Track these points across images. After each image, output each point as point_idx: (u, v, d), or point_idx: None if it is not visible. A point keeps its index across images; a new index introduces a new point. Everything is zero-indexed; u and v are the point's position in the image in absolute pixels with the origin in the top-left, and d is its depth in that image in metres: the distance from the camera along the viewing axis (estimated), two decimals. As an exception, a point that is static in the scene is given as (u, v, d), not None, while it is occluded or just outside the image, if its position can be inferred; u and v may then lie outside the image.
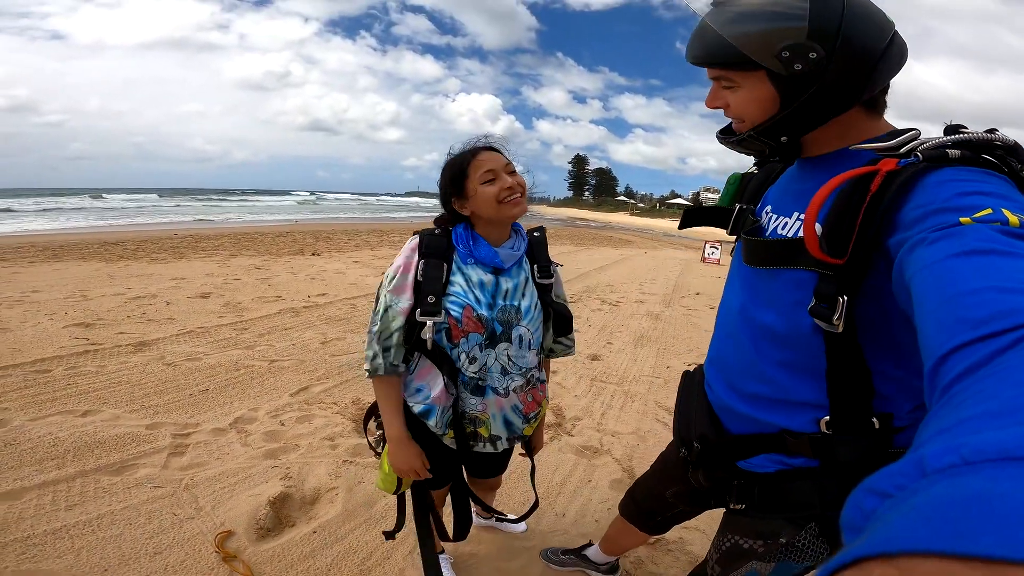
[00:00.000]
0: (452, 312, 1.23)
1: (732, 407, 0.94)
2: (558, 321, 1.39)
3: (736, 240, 1.03)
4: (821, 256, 0.68)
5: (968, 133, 0.65)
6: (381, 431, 1.40)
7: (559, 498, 2.34)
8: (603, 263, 11.41)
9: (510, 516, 1.73)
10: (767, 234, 0.90)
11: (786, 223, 0.87)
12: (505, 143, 1.31)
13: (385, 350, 1.25)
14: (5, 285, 5.81)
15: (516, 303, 1.28)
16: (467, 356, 1.26)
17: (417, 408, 1.30)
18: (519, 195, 1.24)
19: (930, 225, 0.56)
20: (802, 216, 0.83)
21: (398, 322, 1.23)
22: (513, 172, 1.26)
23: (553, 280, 1.39)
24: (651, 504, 1.33)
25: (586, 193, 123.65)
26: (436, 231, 1.28)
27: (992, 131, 0.65)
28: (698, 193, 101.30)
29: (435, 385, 1.27)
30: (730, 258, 1.06)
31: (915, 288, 0.51)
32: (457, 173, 1.25)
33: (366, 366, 1.27)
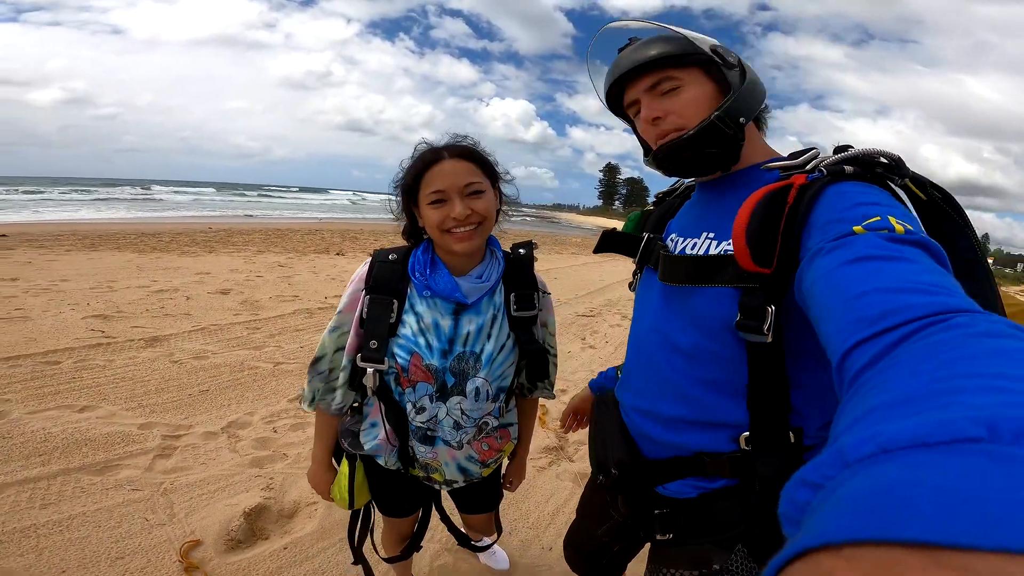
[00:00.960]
0: (399, 359, 1.08)
1: (649, 433, 0.93)
2: (532, 366, 1.19)
3: (641, 268, 1.06)
4: (752, 266, 0.71)
5: (854, 151, 0.73)
6: (347, 442, 1.25)
7: (548, 530, 2.23)
8: (626, 276, 11.18)
9: (475, 543, 1.62)
10: (678, 254, 0.93)
11: (695, 243, 0.90)
12: (482, 148, 1.10)
13: (328, 390, 1.16)
14: (38, 272, 6.00)
15: (477, 349, 1.10)
16: (414, 406, 1.11)
17: (368, 446, 1.19)
18: (471, 228, 1.03)
19: (829, 235, 0.61)
20: (710, 235, 0.87)
21: (343, 361, 1.12)
22: (476, 193, 1.03)
23: (537, 311, 1.17)
24: (590, 547, 1.26)
25: (616, 202, 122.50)
26: (391, 256, 1.12)
27: (874, 149, 0.72)
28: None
29: (379, 430, 1.17)
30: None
31: (815, 295, 0.56)
32: (409, 182, 1.06)
33: (304, 405, 1.19)
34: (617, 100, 0.95)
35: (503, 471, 1.47)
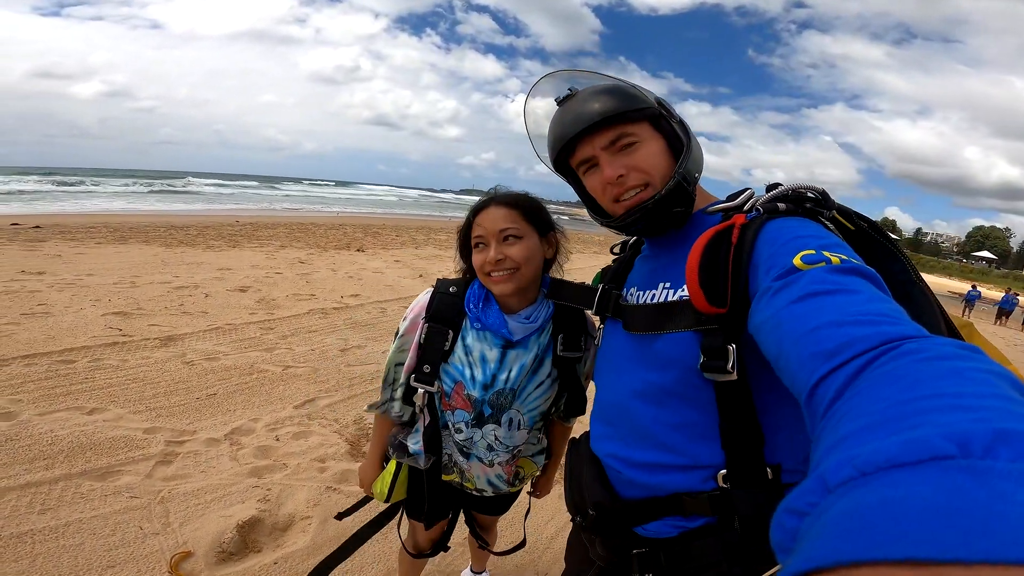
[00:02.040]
0: (444, 384, 1.20)
1: (627, 477, 0.92)
2: (571, 402, 1.29)
3: (601, 321, 1.08)
4: (708, 308, 0.72)
5: (783, 188, 0.76)
6: (398, 442, 1.35)
7: (545, 554, 2.19)
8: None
9: (494, 550, 1.69)
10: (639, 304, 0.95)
11: (653, 295, 0.91)
12: (531, 199, 1.16)
13: (391, 401, 1.30)
14: (65, 266, 6.17)
15: (515, 386, 1.18)
16: (453, 427, 1.24)
17: (412, 448, 1.29)
18: (506, 272, 1.09)
19: (772, 274, 0.64)
20: (667, 285, 0.88)
21: (401, 377, 1.25)
22: (512, 238, 1.10)
23: (583, 352, 1.23)
24: None
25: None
26: (452, 289, 1.21)
27: (802, 185, 0.76)
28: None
29: (423, 437, 1.28)
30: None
31: (768, 334, 0.59)
32: (463, 229, 1.18)
33: (370, 410, 1.34)
34: (563, 156, 0.94)
35: (530, 484, 1.55)
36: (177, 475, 2.37)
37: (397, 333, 1.26)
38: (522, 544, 1.61)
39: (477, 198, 1.24)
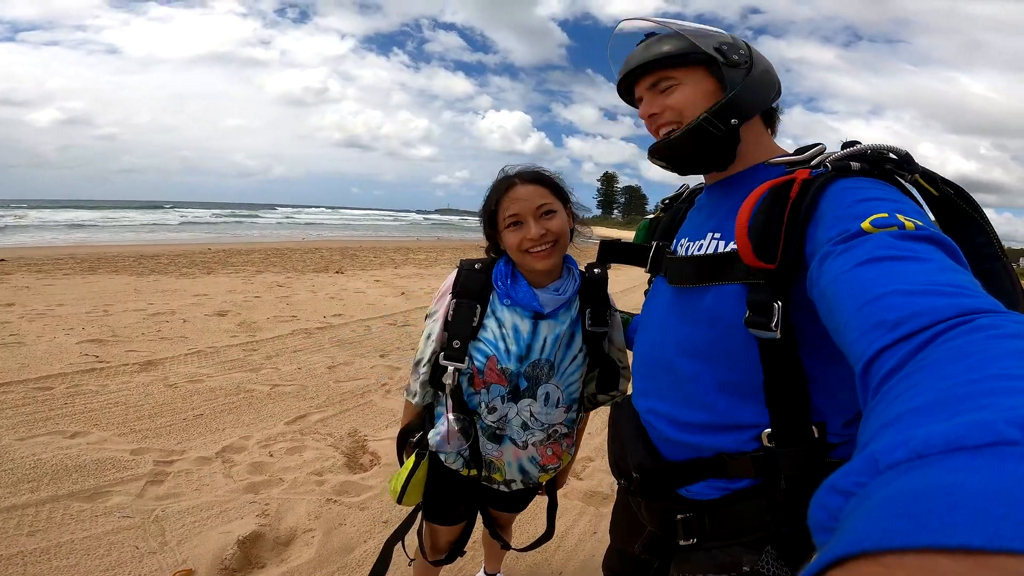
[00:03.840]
0: (476, 361, 1.16)
1: (667, 436, 0.91)
2: (604, 376, 1.25)
3: (651, 277, 1.07)
4: (755, 262, 0.70)
5: (861, 146, 0.72)
6: (416, 438, 1.33)
7: (557, 553, 2.15)
8: (628, 285, 11.14)
9: (515, 547, 1.64)
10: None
11: (701, 244, 0.89)
12: (553, 174, 1.18)
13: (419, 383, 1.25)
14: (34, 297, 5.96)
15: (551, 357, 1.17)
16: (487, 406, 1.19)
17: (433, 441, 1.23)
18: (547, 247, 1.10)
19: (836, 234, 0.60)
20: (716, 235, 0.87)
21: (428, 354, 1.21)
22: (548, 213, 1.11)
23: (608, 327, 1.23)
24: (630, 568, 1.20)
25: (615, 211, 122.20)
26: (476, 265, 1.20)
27: (881, 144, 0.72)
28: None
29: (449, 423, 1.21)
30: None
31: (829, 298, 0.55)
32: (490, 208, 1.16)
33: (407, 396, 1.30)
34: (629, 92, 0.98)
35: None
36: (170, 494, 2.28)
37: (427, 317, 1.25)
38: (548, 535, 1.55)
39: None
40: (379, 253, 14.47)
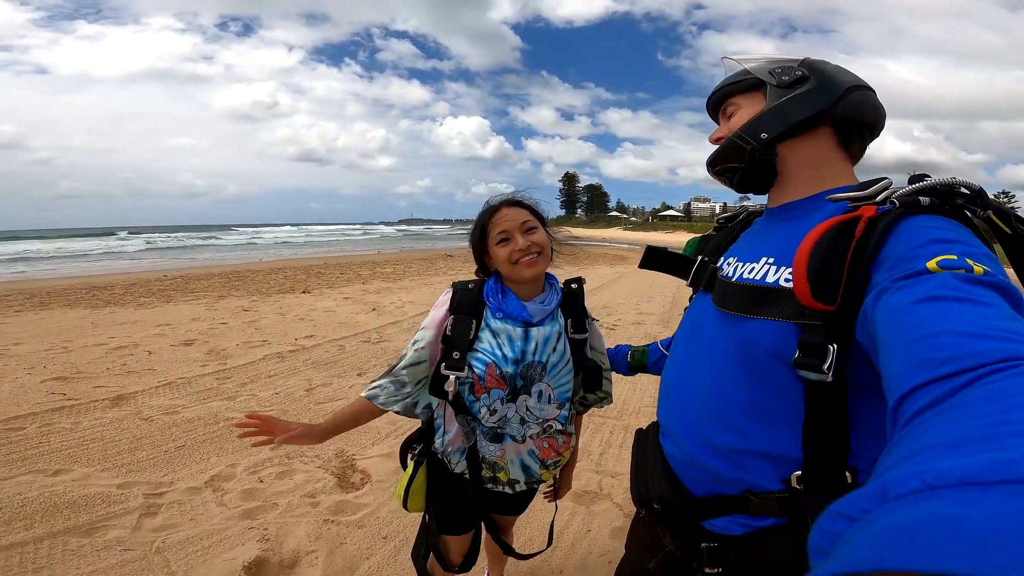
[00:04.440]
0: (476, 369, 1.26)
1: (692, 461, 0.90)
2: (587, 378, 1.38)
3: (693, 292, 1.05)
4: (813, 303, 0.67)
5: (931, 180, 0.68)
6: (417, 449, 1.48)
7: (555, 553, 2.23)
8: (599, 282, 11.34)
9: (519, 552, 1.67)
10: (734, 279, 0.90)
11: (753, 268, 0.86)
12: (531, 199, 1.35)
13: (394, 384, 1.32)
14: (-14, 337, 5.70)
15: (543, 359, 1.30)
16: (488, 409, 1.29)
17: (438, 447, 1.36)
18: (534, 255, 1.26)
19: (898, 272, 0.58)
20: (770, 260, 0.84)
21: (408, 359, 1.30)
22: (531, 229, 1.28)
23: (588, 334, 1.39)
24: None
25: (579, 210, 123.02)
26: (470, 285, 1.33)
27: (954, 178, 0.69)
28: (689, 204, 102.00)
29: (451, 428, 1.33)
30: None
31: (880, 332, 0.54)
32: (479, 231, 1.31)
33: (366, 392, 1.33)
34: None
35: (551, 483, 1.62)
36: (166, 525, 2.27)
37: (415, 342, 1.33)
38: (548, 545, 1.67)
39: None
40: (345, 269, 14.31)
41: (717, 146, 0.95)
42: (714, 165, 0.95)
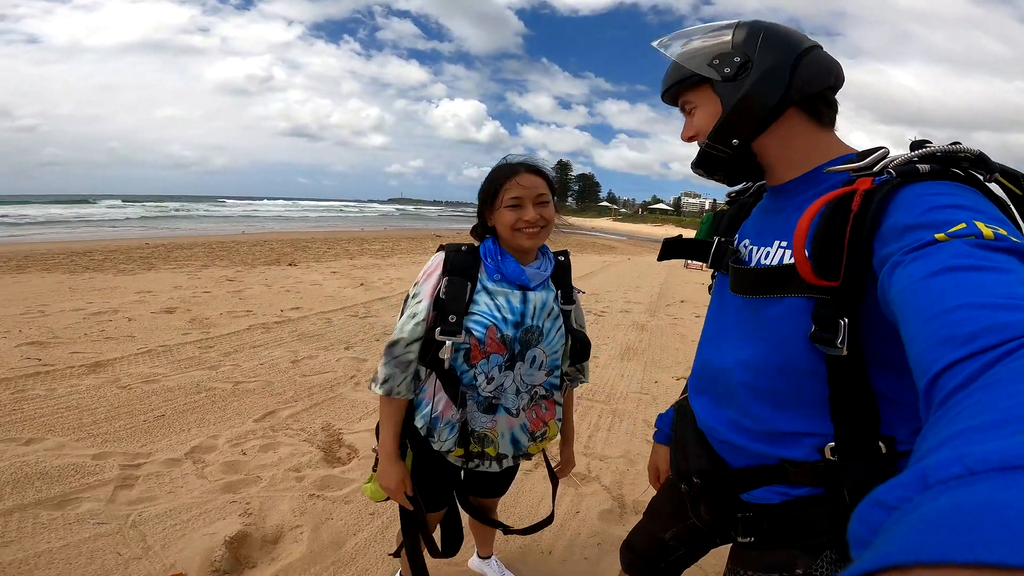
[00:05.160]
0: (475, 332, 1.21)
1: (728, 440, 0.91)
2: (576, 348, 1.36)
3: (714, 273, 1.05)
4: (816, 280, 0.67)
5: (932, 147, 0.66)
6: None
7: (545, 533, 2.16)
8: (588, 270, 11.34)
9: (515, 528, 1.64)
10: (751, 265, 0.90)
11: (768, 252, 0.87)
12: (549, 169, 1.30)
13: (400, 366, 1.23)
14: (-42, 299, 5.50)
15: (540, 324, 1.27)
16: (486, 377, 1.24)
17: (421, 423, 1.28)
18: (537, 229, 1.22)
19: (907, 243, 0.57)
20: (783, 244, 0.84)
21: (408, 334, 1.22)
22: (545, 202, 1.24)
23: (574, 306, 1.38)
24: (653, 551, 1.23)
25: (569, 199, 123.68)
26: (463, 247, 1.27)
27: (956, 143, 0.66)
28: (679, 198, 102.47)
29: (440, 400, 1.25)
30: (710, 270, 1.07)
31: (898, 309, 0.53)
32: (494, 185, 1.24)
33: (376, 387, 1.24)
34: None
35: (555, 460, 1.60)
36: (142, 498, 2.18)
37: (408, 300, 1.26)
38: (550, 520, 1.59)
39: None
40: (332, 244, 14.11)
41: (693, 143, 0.93)
42: (699, 172, 0.93)
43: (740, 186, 1.08)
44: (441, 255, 1.26)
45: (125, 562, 1.79)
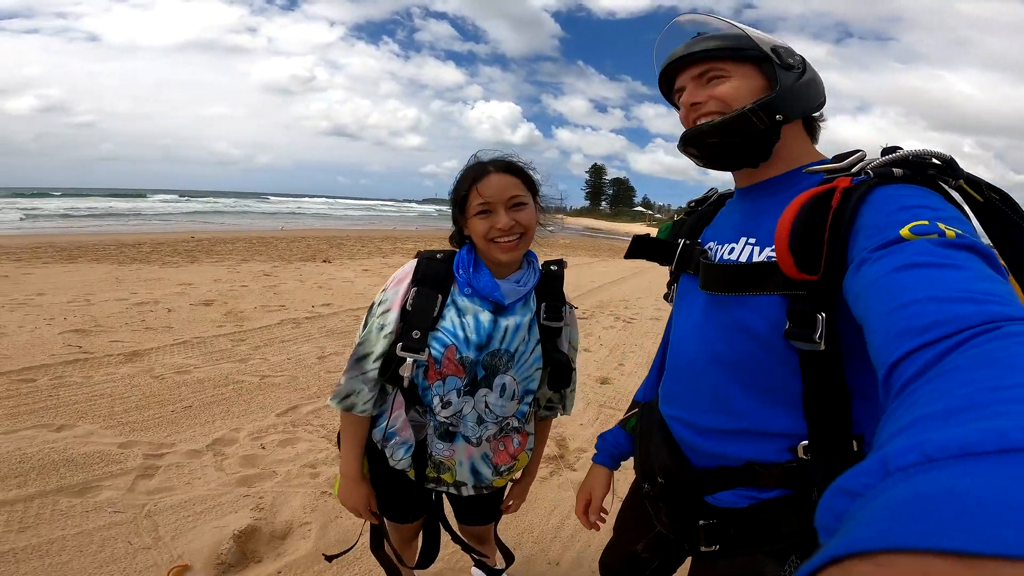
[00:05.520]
0: (433, 351, 1.10)
1: (694, 444, 0.90)
2: (555, 373, 1.21)
3: (671, 281, 1.07)
4: (797, 274, 0.69)
5: (903, 152, 0.70)
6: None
7: (554, 543, 2.15)
8: (618, 276, 11.19)
9: (488, 563, 1.56)
10: (717, 261, 0.90)
11: (732, 248, 0.88)
12: (527, 162, 1.15)
13: (368, 383, 1.13)
14: (14, 287, 5.81)
15: (511, 348, 1.14)
16: (441, 400, 1.13)
17: (377, 436, 1.18)
18: (514, 238, 1.08)
19: (875, 242, 0.60)
20: (751, 240, 0.85)
21: (380, 348, 1.12)
22: (519, 204, 1.08)
23: (563, 323, 1.21)
24: (628, 568, 1.20)
25: (603, 203, 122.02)
26: (438, 255, 1.16)
27: (925, 149, 0.70)
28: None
29: (398, 417, 1.15)
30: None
31: (862, 303, 0.55)
32: (460, 193, 1.12)
33: (334, 401, 1.14)
34: (668, 86, 0.96)
35: (506, 493, 1.43)
36: (161, 488, 2.24)
37: (373, 308, 1.15)
38: (509, 561, 1.51)
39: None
40: (366, 243, 14.35)
41: (691, 113, 0.89)
42: (709, 136, 0.86)
43: (701, 195, 1.11)
44: (412, 264, 1.16)
45: (134, 551, 1.83)
